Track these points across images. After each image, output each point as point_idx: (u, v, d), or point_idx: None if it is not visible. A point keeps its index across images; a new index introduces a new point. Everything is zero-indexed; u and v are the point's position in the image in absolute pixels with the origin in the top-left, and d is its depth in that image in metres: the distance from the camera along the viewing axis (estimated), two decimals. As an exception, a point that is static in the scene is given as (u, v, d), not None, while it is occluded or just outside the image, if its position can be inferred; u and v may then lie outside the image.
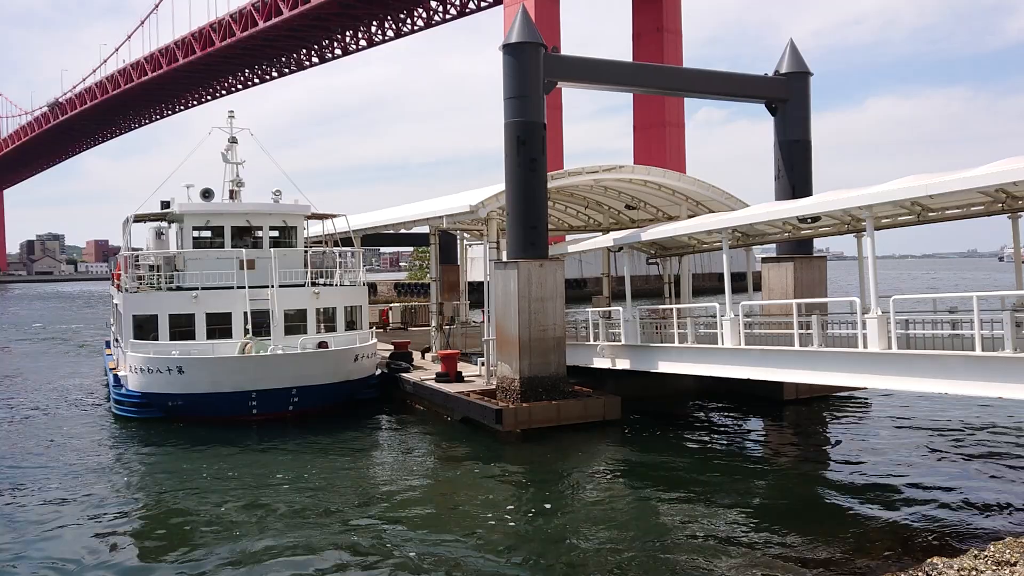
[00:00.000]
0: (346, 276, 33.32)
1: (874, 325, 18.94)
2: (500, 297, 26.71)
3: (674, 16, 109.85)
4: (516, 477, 21.32)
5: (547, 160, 27.05)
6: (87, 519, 18.24)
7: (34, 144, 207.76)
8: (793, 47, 31.23)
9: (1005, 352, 16.41)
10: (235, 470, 22.18)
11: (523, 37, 26.31)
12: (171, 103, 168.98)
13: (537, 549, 15.73)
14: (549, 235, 28.36)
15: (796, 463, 22.34)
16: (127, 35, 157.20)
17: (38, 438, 26.80)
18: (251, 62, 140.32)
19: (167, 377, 27.72)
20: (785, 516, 17.41)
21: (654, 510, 18.13)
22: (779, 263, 30.40)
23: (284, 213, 33.30)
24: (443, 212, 32.12)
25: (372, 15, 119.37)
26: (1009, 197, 19.23)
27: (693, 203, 32.84)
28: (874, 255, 19.84)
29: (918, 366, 18.18)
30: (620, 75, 30.86)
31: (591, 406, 26.05)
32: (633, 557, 15.15)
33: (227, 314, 29.47)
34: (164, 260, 31.55)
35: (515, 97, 26.36)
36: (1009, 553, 12.33)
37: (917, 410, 27.79)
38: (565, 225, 39.48)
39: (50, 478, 21.70)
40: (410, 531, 16.89)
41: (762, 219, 24.35)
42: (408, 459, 23.66)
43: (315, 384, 28.40)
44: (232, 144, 34.42)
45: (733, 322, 23.00)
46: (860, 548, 15.22)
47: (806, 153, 31.01)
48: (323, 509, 18.50)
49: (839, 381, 20.69)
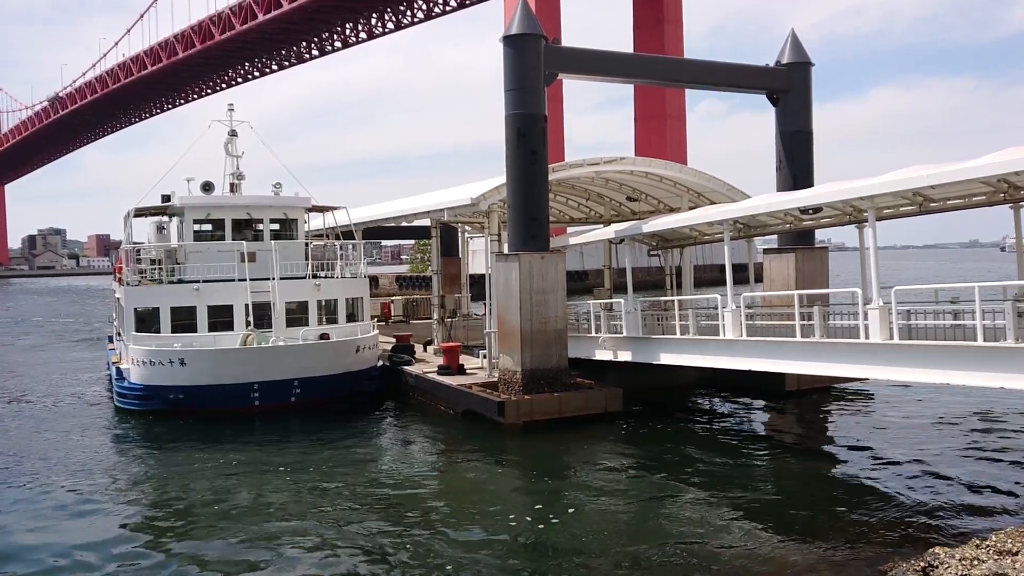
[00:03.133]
0: (347, 268, 33.34)
1: (876, 316, 18.93)
2: (502, 290, 26.70)
3: (675, 7, 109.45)
4: (518, 470, 21.36)
5: (548, 152, 27.02)
6: (89, 511, 18.28)
7: (35, 139, 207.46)
8: (794, 37, 31.12)
9: (1007, 342, 16.41)
10: (237, 462, 22.22)
11: (523, 29, 26.23)
12: (171, 97, 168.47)
13: (540, 542, 15.76)
14: (550, 227, 28.33)
15: (798, 454, 22.37)
16: (126, 29, 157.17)
17: (41, 431, 26.86)
18: (251, 55, 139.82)
19: (169, 369, 27.75)
20: (787, 506, 17.44)
21: (656, 502, 18.15)
22: (781, 254, 30.37)
23: (285, 206, 33.29)
24: (444, 205, 32.10)
25: (372, 7, 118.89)
26: (1011, 187, 19.19)
27: (694, 195, 32.78)
28: (876, 246, 19.82)
29: (920, 357, 18.17)
30: (621, 66, 30.77)
31: (593, 398, 26.05)
32: (636, 548, 15.18)
33: (228, 307, 29.48)
34: (165, 253, 31.51)
35: (515, 89, 26.30)
36: (1011, 543, 12.35)
37: (919, 401, 27.80)
38: (566, 217, 39.43)
39: (52, 470, 21.75)
40: (412, 525, 16.91)
41: (763, 210, 24.32)
42: (410, 452, 23.70)
43: (317, 375, 28.44)
44: (232, 137, 34.34)
45: (735, 313, 23.00)
46: (862, 538, 15.23)
47: (807, 144, 30.94)
48: (326, 501, 18.54)
49: (841, 372, 20.70)
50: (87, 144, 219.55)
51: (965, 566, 11.75)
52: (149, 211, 33.72)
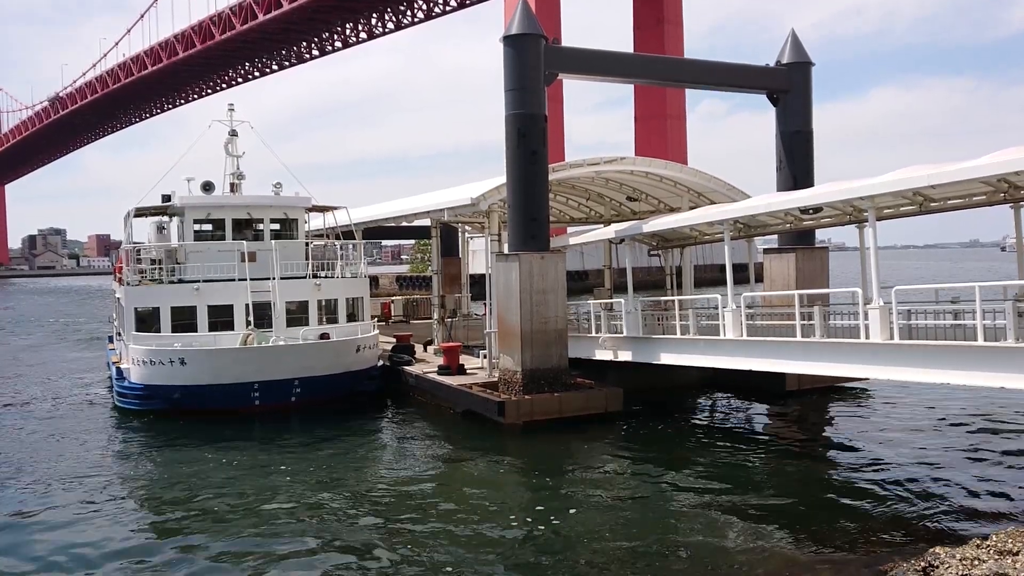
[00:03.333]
0: (347, 268, 33.35)
1: (876, 316, 18.93)
2: (502, 290, 26.70)
3: (675, 7, 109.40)
4: (518, 470, 21.36)
5: (548, 152, 27.01)
6: (89, 511, 18.26)
7: (35, 139, 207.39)
8: (794, 37, 31.12)
9: (1007, 342, 16.40)
10: (238, 462, 22.23)
11: (523, 29, 26.23)
12: (171, 97, 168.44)
13: (540, 542, 15.76)
14: (550, 227, 28.33)
15: (798, 455, 22.35)
16: (127, 29, 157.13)
17: (41, 431, 26.84)
18: (251, 55, 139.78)
19: (169, 369, 27.76)
20: (787, 506, 17.43)
21: (657, 502, 18.15)
22: (781, 254, 30.37)
23: (285, 206, 33.30)
24: (444, 205, 32.09)
25: (372, 7, 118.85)
26: (1011, 187, 19.19)
27: (695, 195, 32.78)
28: (876, 246, 19.81)
29: (920, 357, 18.16)
30: (621, 66, 30.76)
31: (593, 398, 26.05)
32: (637, 548, 15.18)
33: (229, 306, 29.49)
34: (165, 253, 31.54)
35: (515, 89, 26.29)
36: (1012, 543, 12.35)
37: (919, 401, 27.77)
38: (566, 217, 39.43)
39: (53, 470, 21.74)
40: (412, 525, 16.91)
41: (764, 210, 24.31)
42: (410, 452, 23.69)
43: (317, 375, 28.43)
44: (232, 137, 34.35)
45: (735, 313, 23.00)
46: (862, 538, 15.23)
47: (808, 144, 30.93)
48: (326, 501, 18.54)
49: (841, 372, 20.69)
50: (87, 144, 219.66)
51: (966, 566, 11.74)
52: (149, 211, 33.73)
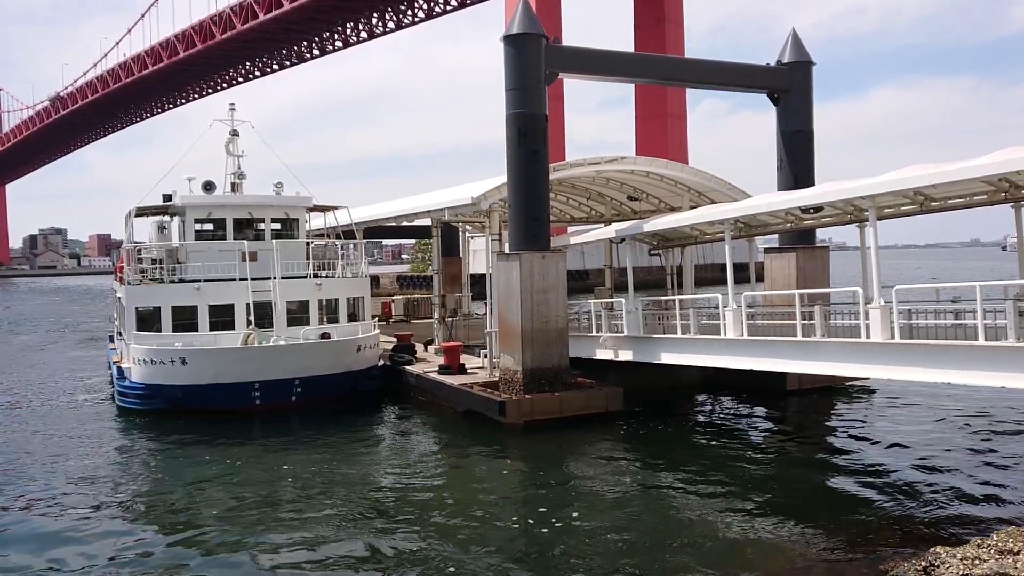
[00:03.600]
0: (348, 268, 33.35)
1: (877, 315, 18.93)
2: (502, 289, 26.70)
3: (675, 6, 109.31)
4: (519, 469, 21.36)
5: (549, 151, 27.01)
6: (89, 510, 18.28)
7: (36, 139, 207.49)
8: (795, 36, 31.11)
9: (1008, 341, 16.40)
10: (239, 462, 22.23)
11: (524, 28, 26.23)
12: (171, 97, 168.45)
13: (541, 542, 15.77)
14: (551, 227, 28.33)
15: (799, 454, 22.36)
16: (127, 29, 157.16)
17: (41, 430, 26.86)
18: (251, 55, 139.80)
19: (170, 368, 27.77)
20: (788, 505, 17.42)
21: (658, 501, 18.16)
22: (781, 253, 30.37)
23: (286, 205, 33.32)
24: (445, 204, 32.08)
25: (372, 7, 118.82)
26: (1012, 187, 19.17)
27: (695, 194, 32.77)
28: (877, 245, 19.81)
29: (921, 356, 18.16)
30: (622, 65, 30.75)
31: (594, 398, 26.05)
32: (637, 548, 15.18)
33: (230, 306, 29.50)
34: (166, 253, 31.55)
35: (516, 88, 26.30)
36: (1012, 542, 12.35)
37: (920, 400, 27.77)
38: (567, 217, 39.43)
39: (53, 470, 21.76)
40: (413, 524, 16.92)
41: (764, 209, 24.31)
42: (411, 452, 23.70)
43: (318, 375, 28.44)
44: (233, 137, 34.38)
45: (736, 313, 23.00)
46: (863, 537, 15.23)
47: (808, 143, 30.93)
48: (326, 500, 18.54)
49: (842, 372, 20.68)
50: (88, 144, 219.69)
51: (966, 565, 11.74)
52: (150, 211, 33.74)
